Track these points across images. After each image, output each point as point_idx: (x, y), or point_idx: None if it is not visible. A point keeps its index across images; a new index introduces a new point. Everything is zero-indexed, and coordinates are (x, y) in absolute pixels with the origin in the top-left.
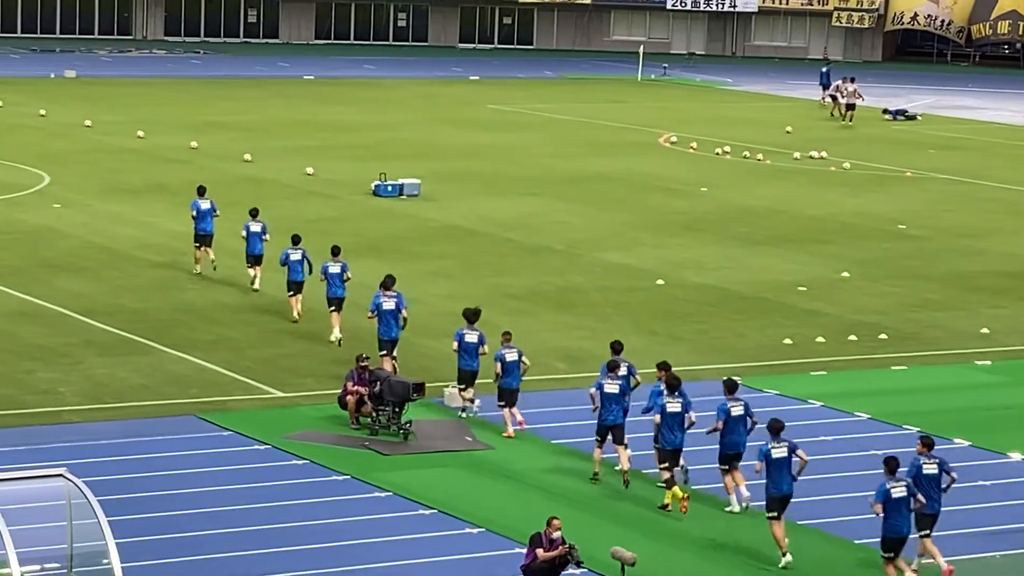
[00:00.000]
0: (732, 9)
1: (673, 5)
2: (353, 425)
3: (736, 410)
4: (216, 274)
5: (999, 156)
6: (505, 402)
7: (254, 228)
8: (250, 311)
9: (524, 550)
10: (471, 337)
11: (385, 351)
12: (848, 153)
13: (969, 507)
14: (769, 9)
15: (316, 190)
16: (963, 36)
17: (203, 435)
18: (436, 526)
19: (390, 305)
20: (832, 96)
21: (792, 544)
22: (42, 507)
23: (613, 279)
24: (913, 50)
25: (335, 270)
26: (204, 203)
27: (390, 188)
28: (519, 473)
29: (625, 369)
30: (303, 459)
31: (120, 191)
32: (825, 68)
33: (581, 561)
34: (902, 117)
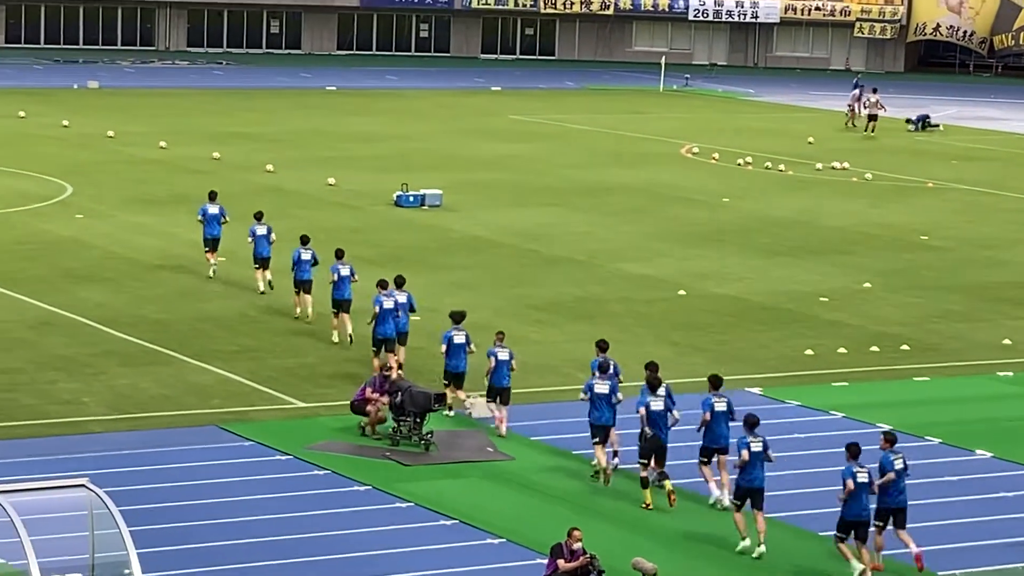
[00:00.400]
0: (754, 20)
1: (695, 16)
2: (361, 427)
3: (719, 405)
4: (239, 285)
5: (1021, 167)
6: (496, 399)
7: (260, 231)
8: (272, 321)
9: (545, 561)
10: (459, 338)
11: (377, 348)
12: (870, 164)
13: (991, 518)
14: (791, 20)
15: (338, 201)
16: (985, 47)
17: (225, 445)
18: (458, 536)
19: (389, 304)
20: (849, 106)
21: (814, 555)
22: (64, 517)
23: (634, 290)
24: (935, 61)
25: (344, 272)
26: (213, 208)
27: (412, 199)
28: (540, 483)
29: (611, 368)
30: (325, 469)
31: (142, 202)
32: (856, 79)
33: (603, 571)
34: (925, 126)
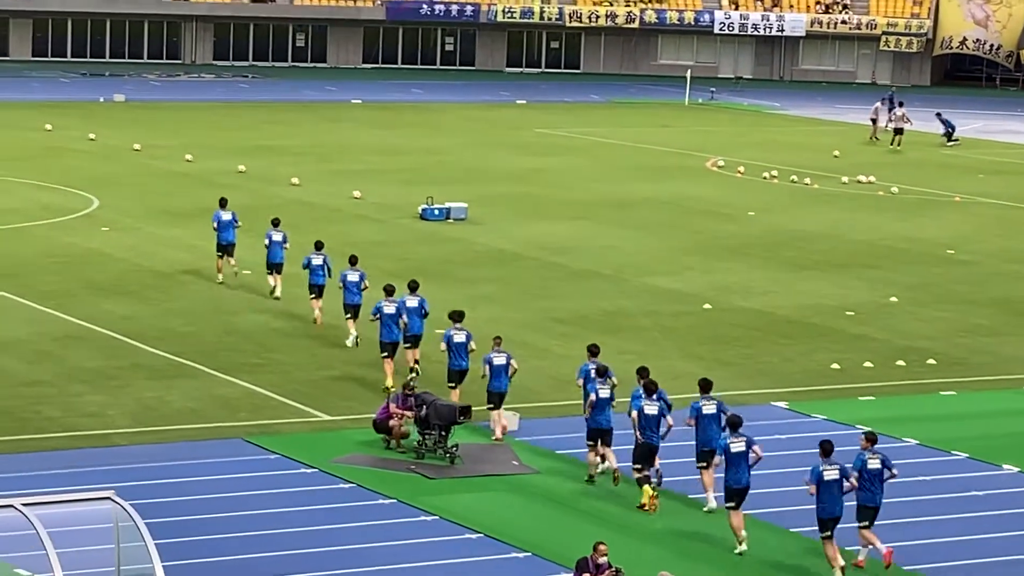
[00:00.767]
0: (780, 33)
1: (721, 29)
2: (386, 442)
3: (708, 408)
4: (265, 298)
5: None
6: (493, 404)
7: (276, 237)
8: (298, 334)
9: (571, 575)
10: (459, 337)
11: (386, 353)
12: (896, 177)
13: (1018, 533)
14: (817, 33)
15: (363, 214)
16: (1012, 61)
17: (250, 458)
18: (483, 550)
19: (390, 310)
20: (872, 119)
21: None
22: (90, 530)
23: (660, 303)
24: (962, 74)
25: (353, 278)
26: (226, 215)
27: (437, 212)
28: (565, 497)
29: (609, 372)
30: (350, 483)
31: (169, 215)
32: (889, 93)
33: None
34: (951, 134)
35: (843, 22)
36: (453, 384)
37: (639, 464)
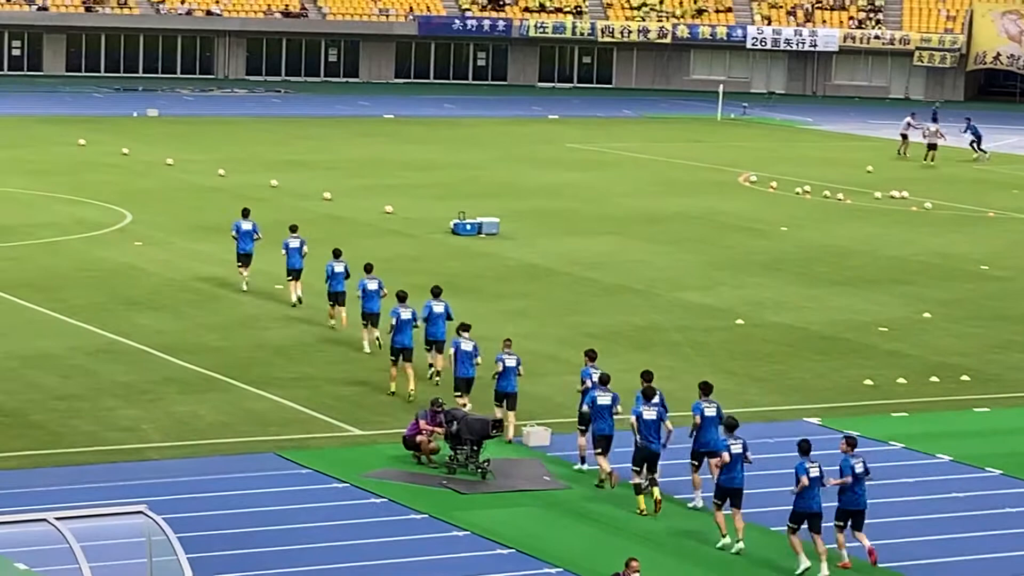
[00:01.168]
0: (813, 48)
1: (753, 44)
2: (416, 459)
3: (709, 411)
4: (298, 312)
5: None
6: (504, 405)
7: (293, 244)
8: (330, 349)
9: None
10: (466, 346)
11: (395, 357)
12: (930, 193)
13: None
14: (850, 48)
15: (395, 228)
16: None
17: (282, 473)
18: (514, 566)
19: (406, 315)
20: (902, 135)
21: None
22: (123, 544)
23: (692, 319)
24: (996, 90)
25: (372, 287)
26: (246, 224)
27: (469, 227)
28: (597, 513)
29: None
30: (382, 497)
31: (201, 229)
32: (933, 109)
33: None
34: (978, 142)
35: (876, 37)
36: (459, 393)
37: (637, 468)
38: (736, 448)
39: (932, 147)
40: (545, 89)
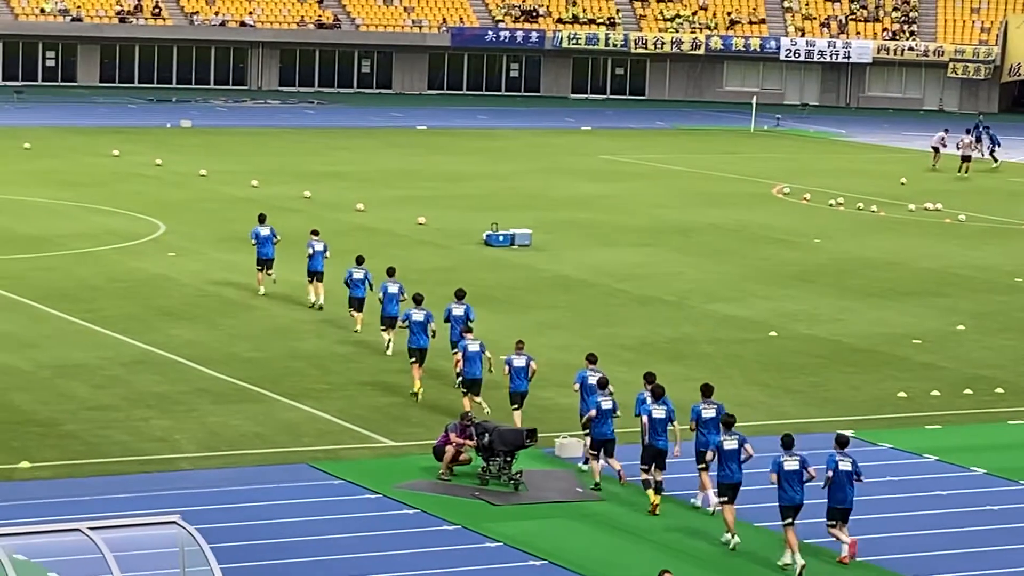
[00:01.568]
0: (846, 60)
1: (787, 56)
2: (444, 475)
3: (707, 412)
4: (331, 323)
5: None
6: (517, 405)
7: (317, 247)
8: (363, 360)
9: None
10: (473, 347)
11: (414, 359)
12: (964, 205)
13: None
14: (884, 60)
15: (428, 239)
16: None
17: (315, 483)
18: None
19: (419, 317)
20: (934, 147)
21: None
22: (156, 553)
23: (725, 331)
24: None
25: (392, 290)
26: (264, 230)
27: (502, 238)
28: (630, 524)
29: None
30: (414, 508)
31: (234, 240)
32: (977, 122)
33: None
34: (993, 149)
35: (910, 49)
36: (466, 392)
37: (645, 466)
38: (730, 444)
39: (966, 159)
40: (578, 100)
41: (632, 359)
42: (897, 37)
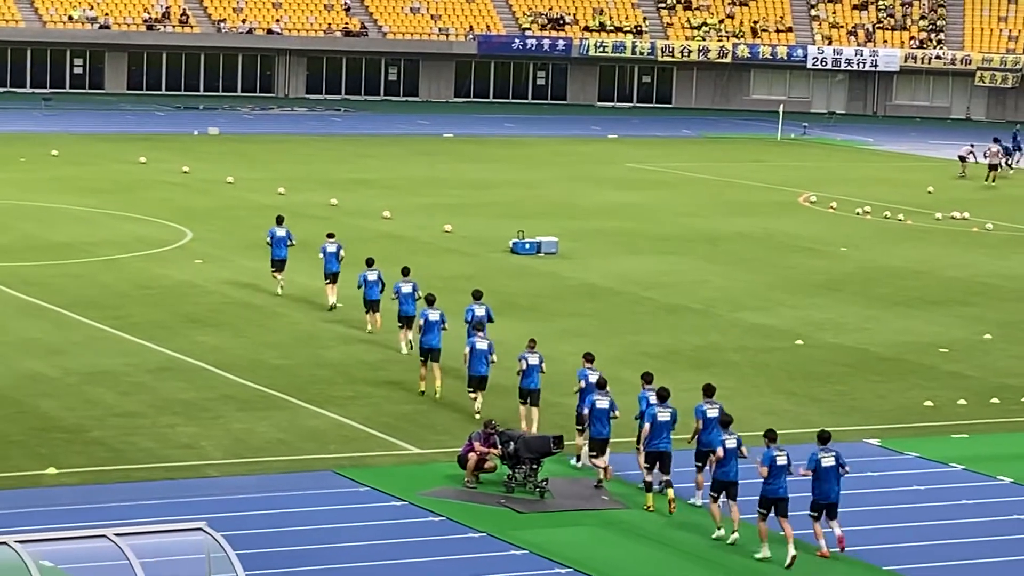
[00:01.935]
0: (873, 68)
1: (814, 64)
2: (469, 483)
3: (711, 412)
4: (355, 329)
5: None
6: (527, 402)
7: (331, 249)
8: (389, 367)
9: None
10: (481, 344)
11: (424, 357)
12: (991, 214)
13: None
14: (911, 68)
15: (454, 247)
16: None
17: (340, 491)
18: None
19: (434, 317)
20: (961, 157)
21: None
22: (182, 560)
23: (751, 339)
24: None
25: (407, 290)
26: (280, 231)
27: (528, 246)
28: (655, 532)
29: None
30: (440, 516)
31: (261, 247)
32: (1015, 131)
33: None
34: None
35: (937, 57)
36: (472, 389)
37: (648, 465)
38: (731, 443)
39: (993, 168)
40: (605, 108)
41: (658, 367)
42: (924, 45)
